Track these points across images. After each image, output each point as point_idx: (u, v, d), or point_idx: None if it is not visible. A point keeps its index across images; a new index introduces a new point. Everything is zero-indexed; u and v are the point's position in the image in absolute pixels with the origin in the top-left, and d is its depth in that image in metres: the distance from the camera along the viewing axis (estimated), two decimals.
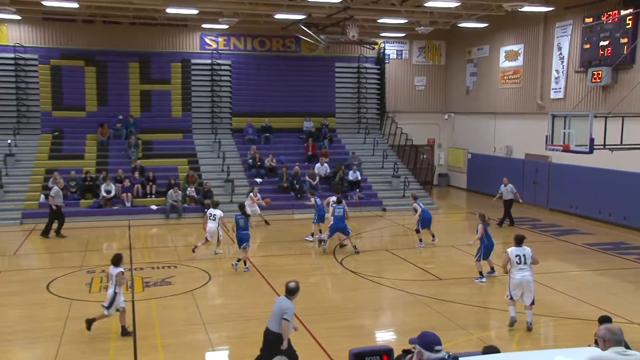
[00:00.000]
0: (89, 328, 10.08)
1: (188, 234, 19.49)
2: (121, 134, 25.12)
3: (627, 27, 18.63)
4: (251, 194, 20.16)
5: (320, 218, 17.18)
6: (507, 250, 10.74)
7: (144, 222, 20.67)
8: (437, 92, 30.54)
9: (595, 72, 19.65)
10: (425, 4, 20.51)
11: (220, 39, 27.33)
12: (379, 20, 24.47)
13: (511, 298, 10.59)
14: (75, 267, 14.64)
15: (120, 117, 25.38)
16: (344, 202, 16.56)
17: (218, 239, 16.06)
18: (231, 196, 22.72)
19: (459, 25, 25.34)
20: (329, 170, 24.35)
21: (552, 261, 15.71)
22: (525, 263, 10.55)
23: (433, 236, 17.48)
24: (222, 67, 27.24)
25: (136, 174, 22.27)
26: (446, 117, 30.44)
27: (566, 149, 15.65)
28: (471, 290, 12.98)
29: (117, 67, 26.04)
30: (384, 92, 29.14)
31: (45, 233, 18.01)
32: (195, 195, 22.15)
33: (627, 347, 5.45)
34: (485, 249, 13.74)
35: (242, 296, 12.88)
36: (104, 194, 21.30)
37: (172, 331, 10.47)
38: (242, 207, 15.14)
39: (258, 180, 23.68)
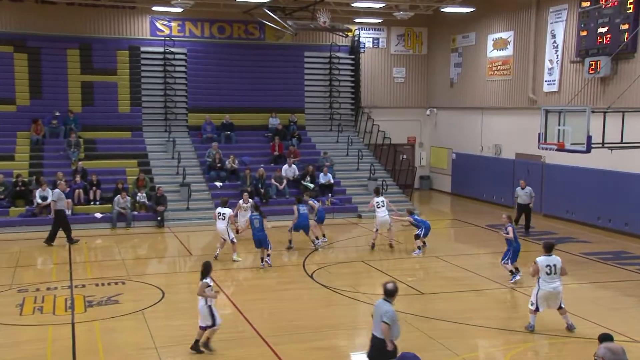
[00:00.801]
0: (199, 350, 10.18)
1: (138, 245, 19.18)
2: (59, 132, 24.63)
3: (628, 11, 18.98)
4: (241, 201, 18.95)
5: (320, 219, 18.52)
6: (537, 259, 11.26)
7: (87, 233, 20.28)
8: (418, 84, 30.77)
9: (593, 62, 20.00)
10: None
11: (173, 24, 27.06)
12: (353, 4, 24.57)
13: (537, 309, 11.20)
14: (4, 286, 14.25)
15: (58, 113, 24.83)
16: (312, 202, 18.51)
17: (232, 241, 16.56)
18: (187, 202, 22.48)
19: (442, 10, 25.59)
20: (297, 172, 24.29)
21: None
22: (555, 273, 11.11)
23: (420, 246, 17.62)
24: (177, 56, 26.97)
25: (77, 178, 21.85)
26: (428, 112, 30.69)
27: (561, 148, 15.89)
28: (456, 306, 13.03)
29: (53, 55, 25.51)
30: (359, 85, 29.24)
31: (49, 240, 18.42)
32: (147, 202, 21.85)
33: None
34: (514, 251, 14.48)
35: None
36: (38, 200, 20.81)
37: (120, 357, 10.26)
38: (257, 207, 16.88)
39: (218, 184, 23.48)
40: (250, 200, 19.11)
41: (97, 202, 21.85)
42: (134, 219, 21.42)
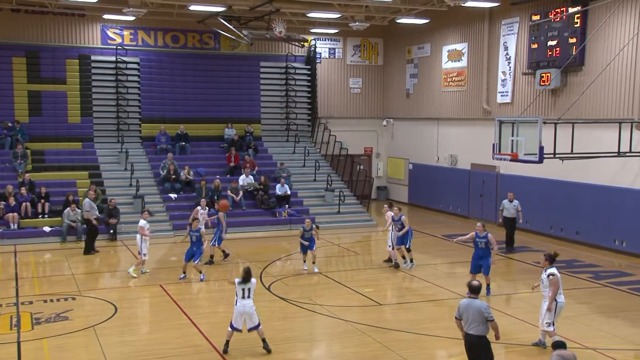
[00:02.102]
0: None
1: (89, 259, 18.78)
2: (4, 143, 23.99)
3: (576, 25, 19.66)
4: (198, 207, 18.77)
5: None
6: (556, 273, 10.81)
7: (35, 247, 19.80)
8: (375, 95, 31.10)
9: (544, 75, 20.58)
10: None
11: (125, 33, 26.73)
12: (309, 15, 24.72)
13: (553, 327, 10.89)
14: None
15: (9, 123, 24.21)
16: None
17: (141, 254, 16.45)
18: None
19: (398, 21, 25.97)
20: (254, 183, 24.18)
21: (501, 281, 16.21)
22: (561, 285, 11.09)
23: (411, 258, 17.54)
24: (129, 66, 26.63)
25: (24, 190, 21.31)
26: (384, 123, 31.01)
27: (514, 159, 16.24)
28: (415, 316, 13.17)
29: None
30: (316, 95, 29.39)
31: (88, 251, 19.01)
32: (98, 214, 21.40)
33: None
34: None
35: (153, 330, 12.56)
36: None
37: None
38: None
39: (173, 195, 23.23)
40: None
41: (46, 215, 21.33)
42: (85, 232, 20.96)
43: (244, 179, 24.12)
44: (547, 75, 20.38)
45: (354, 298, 14.53)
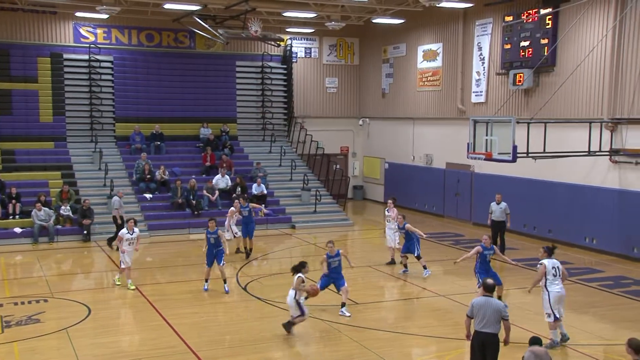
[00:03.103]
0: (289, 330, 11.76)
1: (62, 261, 18.56)
2: None
3: (547, 27, 19.91)
4: (232, 208, 18.92)
5: None
6: (544, 261, 11.23)
7: (6, 249, 19.50)
8: (351, 95, 31.17)
9: (517, 75, 20.81)
10: None
11: (99, 31, 26.43)
12: (285, 14, 24.68)
13: (556, 317, 11.11)
14: None
15: None
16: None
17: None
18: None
19: (373, 21, 26.06)
20: (230, 182, 24.10)
21: (475, 280, 16.31)
22: (559, 276, 11.27)
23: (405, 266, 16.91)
24: (102, 64, 26.34)
25: None
26: (361, 122, 31.11)
27: (489, 158, 16.43)
28: (390, 315, 13.24)
29: None
30: (292, 94, 29.36)
31: (110, 243, 19.48)
32: (71, 215, 21.17)
33: None
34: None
35: (128, 331, 12.46)
36: None
37: None
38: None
39: (148, 195, 23.04)
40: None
41: (17, 216, 21.01)
42: (57, 233, 20.71)
43: (219, 179, 24.01)
44: (520, 76, 20.61)
45: (330, 297, 14.53)
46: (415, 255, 16.31)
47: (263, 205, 23.50)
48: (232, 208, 18.94)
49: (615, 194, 18.53)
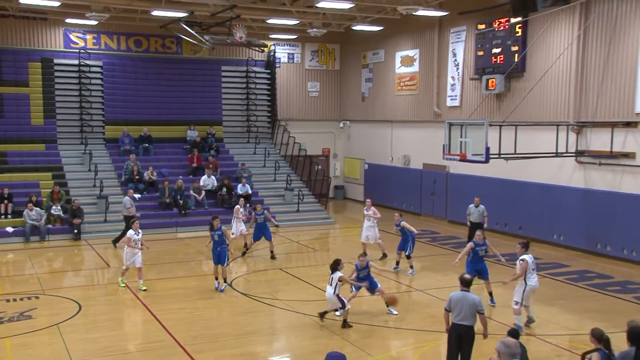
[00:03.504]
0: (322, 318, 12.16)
1: (53, 259, 18.46)
2: None
3: (517, 35, 20.18)
4: (237, 206, 19.07)
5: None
6: (525, 257, 11.70)
7: None
8: (332, 98, 31.28)
9: (490, 80, 21.05)
10: (317, 4, 21.00)
11: (88, 37, 26.28)
12: (268, 21, 24.71)
13: (522, 305, 11.65)
14: None
15: None
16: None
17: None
18: (105, 214, 21.83)
19: (353, 28, 26.18)
20: (216, 183, 24.10)
21: (452, 275, 16.49)
22: (536, 270, 11.85)
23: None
24: (92, 69, 26.19)
25: None
26: (341, 125, 31.23)
27: (463, 159, 16.63)
28: (369, 309, 13.34)
29: None
30: (275, 98, 29.40)
31: (116, 241, 19.31)
32: (62, 214, 21.05)
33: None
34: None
35: (117, 327, 12.44)
36: None
37: None
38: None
39: (137, 196, 22.93)
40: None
41: (9, 216, 20.85)
42: (48, 232, 20.59)
43: (206, 179, 24.00)
44: (492, 81, 20.86)
45: (312, 292, 14.64)
46: (406, 254, 16.40)
47: (248, 204, 23.61)
48: (237, 206, 18.99)
49: (581, 193, 18.83)
